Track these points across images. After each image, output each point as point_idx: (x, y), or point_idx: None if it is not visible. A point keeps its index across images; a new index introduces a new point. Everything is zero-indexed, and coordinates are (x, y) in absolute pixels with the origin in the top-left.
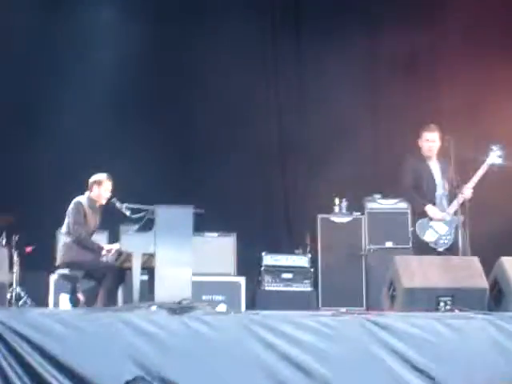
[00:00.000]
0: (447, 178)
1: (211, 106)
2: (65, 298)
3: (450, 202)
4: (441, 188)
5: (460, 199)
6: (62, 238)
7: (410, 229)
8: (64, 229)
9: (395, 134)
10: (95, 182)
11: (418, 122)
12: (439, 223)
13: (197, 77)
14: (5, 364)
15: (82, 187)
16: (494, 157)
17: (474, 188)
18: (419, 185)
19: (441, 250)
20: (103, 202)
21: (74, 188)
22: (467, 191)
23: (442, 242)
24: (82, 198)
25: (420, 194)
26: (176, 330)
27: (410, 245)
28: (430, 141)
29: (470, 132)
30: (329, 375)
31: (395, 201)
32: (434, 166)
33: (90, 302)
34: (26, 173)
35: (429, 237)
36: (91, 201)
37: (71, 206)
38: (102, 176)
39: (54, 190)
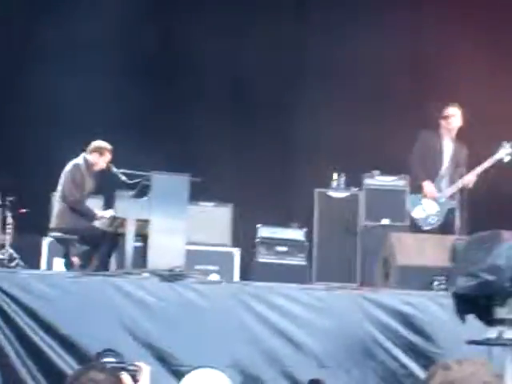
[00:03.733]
0: (457, 160)
1: (212, 78)
2: (59, 262)
3: (450, 184)
4: (445, 168)
5: (459, 184)
6: (57, 203)
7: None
8: (59, 193)
9: (400, 112)
10: (98, 149)
11: (424, 98)
12: (431, 201)
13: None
14: None
15: (77, 151)
16: (503, 153)
17: (477, 179)
18: (426, 159)
19: (426, 228)
20: (98, 168)
21: (69, 150)
22: (468, 178)
23: (428, 221)
24: (80, 160)
25: (426, 169)
26: (167, 297)
27: (407, 223)
28: (450, 115)
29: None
30: (319, 349)
31: (394, 178)
32: (447, 145)
33: (84, 265)
34: (20, 134)
35: (417, 213)
36: (88, 164)
37: (68, 168)
38: (105, 145)
39: (48, 152)
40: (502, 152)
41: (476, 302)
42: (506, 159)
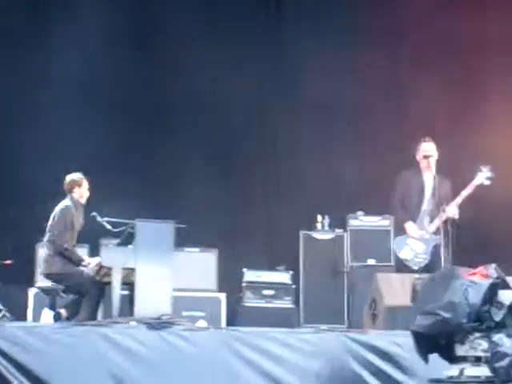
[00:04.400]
0: (438, 195)
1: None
2: (48, 314)
3: (433, 219)
4: (426, 204)
5: (442, 217)
6: (44, 249)
7: (392, 246)
8: (46, 237)
9: (381, 150)
10: (75, 183)
11: (407, 137)
12: (416, 241)
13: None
14: None
15: (59, 196)
16: (482, 178)
17: (460, 207)
18: (407, 199)
19: (415, 268)
20: (84, 201)
21: (54, 200)
22: (450, 210)
23: (416, 260)
24: (67, 202)
25: (406, 208)
26: (155, 346)
27: (393, 262)
28: (427, 152)
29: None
30: None
31: (378, 218)
32: (428, 181)
33: (72, 316)
34: (4, 184)
35: (405, 254)
36: (75, 202)
37: (58, 210)
38: (78, 176)
39: (33, 202)
40: (480, 176)
41: (437, 341)
42: (486, 183)
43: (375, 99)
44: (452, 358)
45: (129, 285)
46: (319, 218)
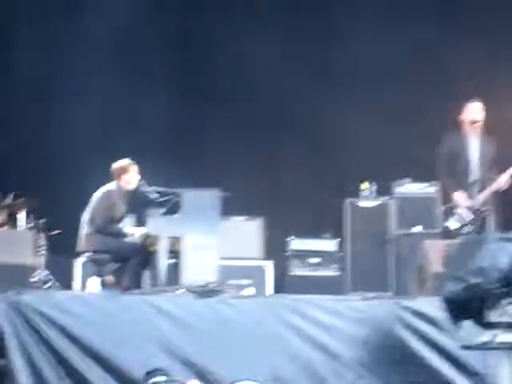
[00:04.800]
0: (486, 159)
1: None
2: (94, 281)
3: (483, 188)
4: (476, 172)
5: (494, 187)
6: (85, 226)
7: (440, 213)
8: (88, 216)
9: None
10: (121, 170)
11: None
12: (465, 210)
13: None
14: (32, 347)
15: (106, 171)
16: None
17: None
18: (455, 165)
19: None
20: (133, 186)
21: (100, 172)
22: (503, 179)
23: (465, 230)
24: (112, 186)
25: (454, 175)
26: (202, 314)
27: (439, 229)
28: (474, 114)
29: None
30: (356, 360)
31: (424, 185)
32: (475, 145)
33: (118, 284)
34: (52, 156)
35: (452, 224)
36: (121, 189)
37: (99, 194)
38: (125, 162)
39: (79, 174)
40: None
41: (468, 307)
42: None
43: (417, 62)
44: (484, 324)
45: (175, 253)
46: (365, 185)
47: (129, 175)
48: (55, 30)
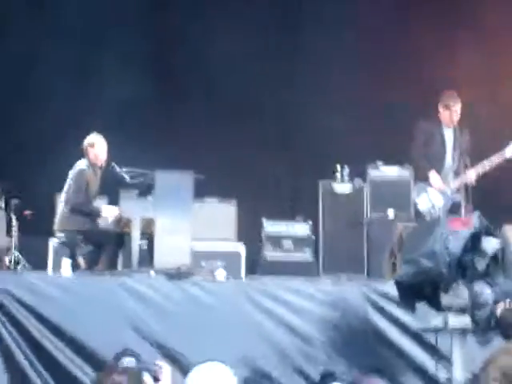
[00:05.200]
0: (460, 147)
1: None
2: (66, 263)
3: (457, 175)
4: (450, 160)
5: (464, 178)
6: (60, 206)
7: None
8: (63, 196)
9: (401, 101)
10: (88, 145)
11: (429, 91)
12: (436, 193)
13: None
14: (2, 328)
15: (78, 151)
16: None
17: (481, 176)
18: (429, 151)
19: (427, 219)
20: (101, 162)
21: (72, 151)
22: (471, 174)
23: (432, 211)
24: (83, 164)
25: (429, 160)
26: (174, 296)
27: (412, 213)
28: (448, 99)
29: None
30: (327, 342)
31: (398, 168)
32: (449, 135)
33: (91, 266)
34: (23, 137)
35: (422, 203)
36: (91, 165)
37: (73, 172)
38: (93, 137)
39: (51, 154)
40: (510, 149)
41: (421, 289)
42: None
43: (395, 47)
44: (437, 308)
45: (148, 235)
46: (338, 168)
47: (96, 148)
48: None
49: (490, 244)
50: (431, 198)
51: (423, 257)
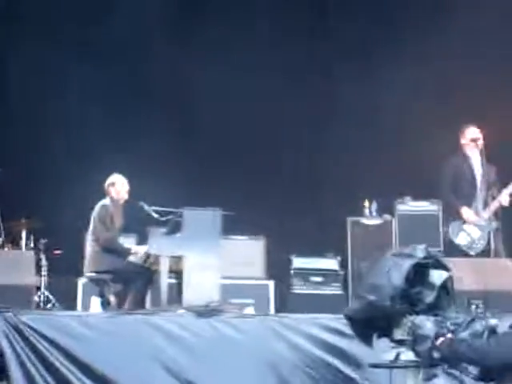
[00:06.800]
0: (488, 181)
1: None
2: (96, 301)
3: (486, 205)
4: (480, 190)
5: (496, 204)
6: (89, 247)
7: (443, 230)
8: (90, 236)
9: (428, 137)
10: (109, 185)
11: (452, 124)
12: (473, 227)
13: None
14: (31, 367)
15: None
16: None
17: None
18: (459, 185)
19: (472, 253)
20: (123, 198)
21: (98, 191)
22: (504, 197)
23: (474, 246)
24: (106, 201)
25: (458, 195)
26: (203, 333)
27: (442, 247)
28: (473, 133)
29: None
30: (355, 376)
31: (426, 203)
32: (476, 167)
33: (121, 304)
34: (52, 177)
35: (461, 240)
36: (113, 202)
37: (96, 210)
38: (113, 177)
39: (80, 194)
40: None
41: (372, 324)
42: None
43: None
44: (391, 342)
45: (177, 273)
46: (367, 203)
47: (116, 186)
48: None
49: (439, 276)
50: (469, 233)
51: (366, 291)
